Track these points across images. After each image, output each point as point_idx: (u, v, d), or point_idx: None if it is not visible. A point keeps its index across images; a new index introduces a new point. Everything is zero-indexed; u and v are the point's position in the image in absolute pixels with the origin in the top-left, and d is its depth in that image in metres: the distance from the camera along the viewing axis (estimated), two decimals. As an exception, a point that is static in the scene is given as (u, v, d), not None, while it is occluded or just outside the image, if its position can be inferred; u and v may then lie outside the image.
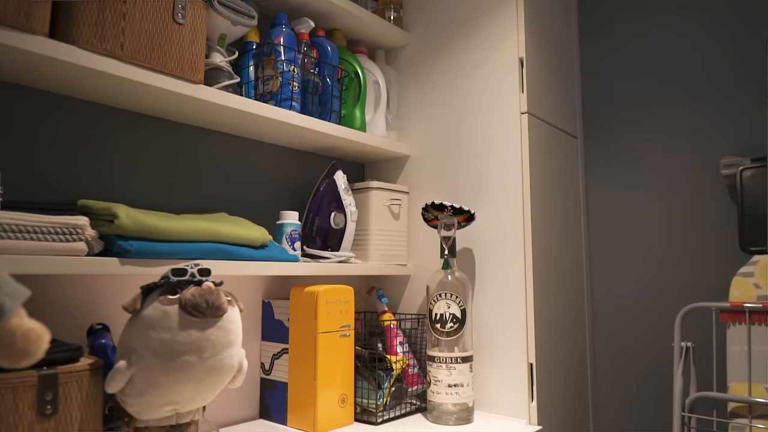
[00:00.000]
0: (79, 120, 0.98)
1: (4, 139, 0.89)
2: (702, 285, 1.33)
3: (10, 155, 0.89)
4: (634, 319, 1.45)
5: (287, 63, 1.18)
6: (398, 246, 1.42)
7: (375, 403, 1.18)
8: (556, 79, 1.44)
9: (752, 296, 1.08)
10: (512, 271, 1.24)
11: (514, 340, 1.22)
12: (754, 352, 1.04)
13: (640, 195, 1.48)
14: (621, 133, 1.53)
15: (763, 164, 1.18)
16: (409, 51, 1.51)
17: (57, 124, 0.95)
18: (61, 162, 0.96)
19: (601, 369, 1.51)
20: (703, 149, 1.39)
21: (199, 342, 0.74)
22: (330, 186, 1.31)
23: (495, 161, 1.29)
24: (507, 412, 1.21)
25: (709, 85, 1.39)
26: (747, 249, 1.16)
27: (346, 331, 1.18)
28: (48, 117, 0.94)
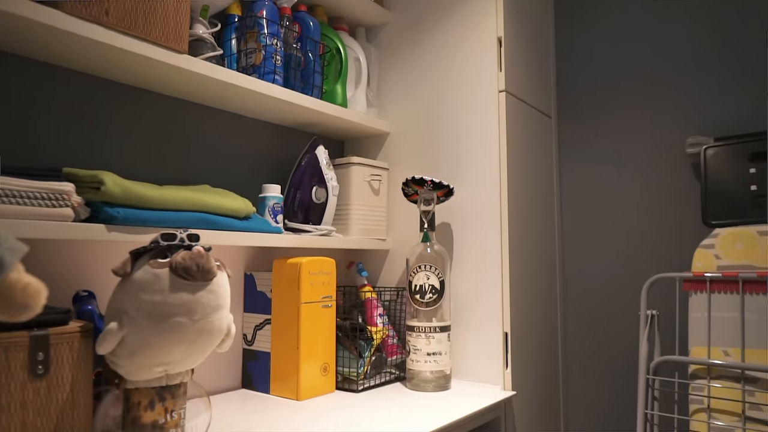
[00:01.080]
0: (68, 90, 0.97)
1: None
2: (667, 257, 1.41)
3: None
4: (603, 290, 1.52)
5: (270, 36, 1.18)
6: (378, 221, 1.44)
7: (356, 372, 1.22)
8: (533, 59, 1.48)
9: (713, 266, 1.14)
10: (489, 244, 1.28)
11: (490, 310, 1.26)
12: (713, 318, 1.11)
13: (610, 173, 1.54)
14: (593, 114, 1.59)
15: (725, 143, 1.25)
16: (389, 29, 1.53)
17: (45, 94, 0.94)
18: (46, 131, 0.95)
19: (572, 337, 1.58)
20: (670, 129, 1.45)
21: (189, 304, 0.76)
22: (311, 161, 1.33)
23: (473, 138, 1.33)
24: (483, 379, 1.26)
25: (677, 69, 1.45)
26: (709, 223, 1.22)
27: (327, 302, 1.21)
28: (37, 86, 0.93)
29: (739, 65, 1.36)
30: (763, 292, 1.07)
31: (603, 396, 1.49)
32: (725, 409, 1.05)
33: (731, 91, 1.36)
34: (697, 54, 1.42)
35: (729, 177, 1.22)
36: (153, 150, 1.12)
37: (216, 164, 1.24)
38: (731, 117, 1.36)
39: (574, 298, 1.57)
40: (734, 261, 1.12)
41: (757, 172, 1.19)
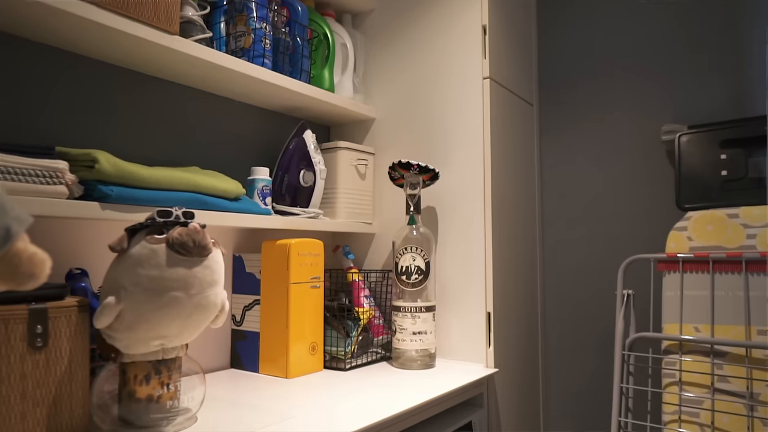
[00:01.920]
0: (58, 70, 0.97)
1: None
2: (642, 239, 1.46)
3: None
4: (581, 271, 1.57)
5: (259, 20, 1.19)
6: (364, 205, 1.47)
7: (344, 351, 1.25)
8: (516, 48, 1.52)
9: (686, 248, 1.20)
10: (472, 227, 1.32)
11: (474, 291, 1.30)
12: (685, 296, 1.16)
13: (589, 159, 1.59)
14: (573, 102, 1.63)
15: (698, 131, 1.30)
16: (375, 16, 1.54)
17: (36, 74, 0.94)
18: (34, 110, 0.95)
19: (551, 316, 1.63)
20: (646, 117, 1.50)
21: (186, 279, 0.78)
22: (299, 145, 1.35)
23: (458, 124, 1.36)
24: (466, 357, 1.30)
25: (653, 60, 1.50)
26: (682, 206, 1.28)
27: (316, 283, 1.23)
28: (27, 65, 0.93)
29: (711, 57, 1.41)
30: (731, 271, 1.13)
31: (580, 372, 1.55)
32: (695, 381, 1.10)
33: (704, 82, 1.42)
34: (673, 46, 1.47)
35: (701, 163, 1.28)
36: (142, 131, 1.12)
37: (204, 147, 1.25)
38: (704, 106, 1.41)
39: (554, 279, 1.62)
40: (705, 242, 1.18)
41: (727, 158, 1.25)
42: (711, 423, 1.06)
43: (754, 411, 1.03)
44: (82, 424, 0.77)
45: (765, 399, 1.03)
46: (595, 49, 1.60)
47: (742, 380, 1.05)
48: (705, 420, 1.07)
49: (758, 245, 1.12)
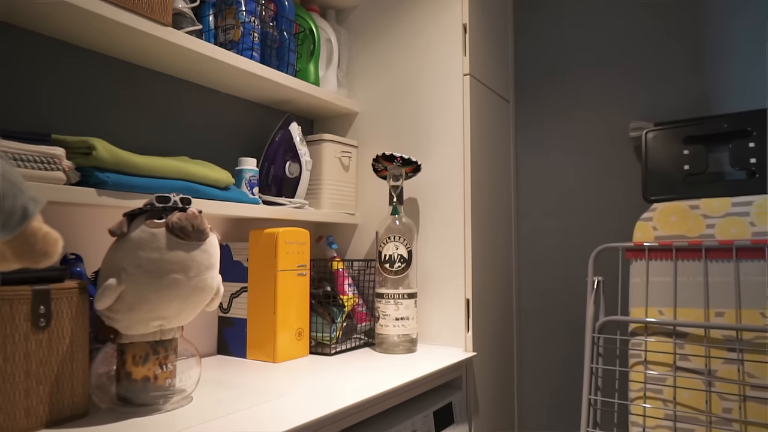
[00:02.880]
0: (51, 60, 0.98)
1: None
2: (611, 229, 1.55)
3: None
4: (554, 259, 1.65)
5: (248, 14, 1.22)
6: (348, 196, 1.51)
7: (329, 336, 1.29)
8: (493, 46, 1.58)
9: (651, 237, 1.28)
10: (453, 218, 1.37)
11: (453, 278, 1.36)
12: (651, 282, 1.24)
13: (562, 154, 1.67)
14: (547, 99, 1.70)
15: (663, 128, 1.39)
16: (359, 12, 1.58)
17: (29, 62, 0.95)
18: (25, 98, 0.96)
19: (525, 302, 1.70)
20: (616, 115, 1.58)
21: (185, 262, 0.81)
22: (285, 136, 1.38)
23: (439, 119, 1.41)
24: (446, 342, 1.36)
25: (622, 60, 1.58)
26: (648, 199, 1.36)
27: (302, 270, 1.27)
28: (21, 54, 0.94)
29: (676, 58, 1.50)
30: (692, 258, 1.21)
31: (553, 354, 1.63)
32: (659, 360, 1.19)
33: (669, 82, 1.50)
34: (640, 47, 1.55)
35: (666, 158, 1.36)
36: (132, 121, 1.14)
37: (192, 137, 1.27)
38: (669, 105, 1.50)
39: (528, 267, 1.69)
40: (669, 232, 1.26)
41: (689, 153, 1.34)
42: (673, 398, 1.15)
43: (712, 386, 1.12)
44: (82, 402, 0.79)
45: (722, 375, 1.11)
46: (568, 49, 1.67)
47: (701, 358, 1.14)
48: (668, 396, 1.16)
49: (717, 234, 1.20)
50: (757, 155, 1.24)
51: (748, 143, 1.26)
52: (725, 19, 1.43)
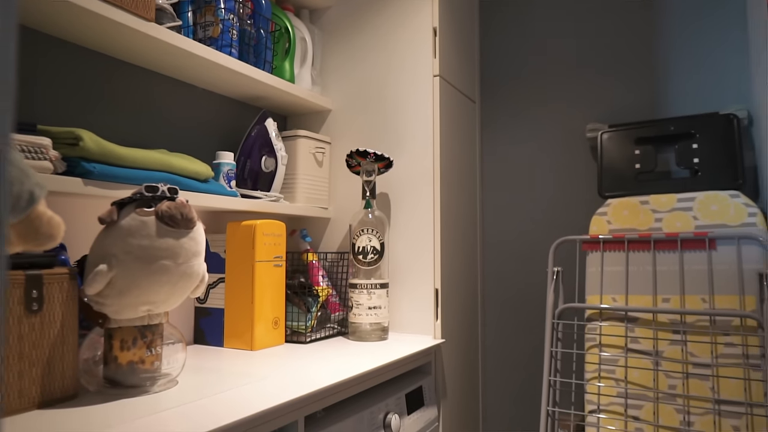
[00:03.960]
0: (37, 53, 1.00)
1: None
2: (569, 223, 1.65)
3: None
4: (516, 251, 1.74)
5: (227, 11, 1.26)
6: (321, 191, 1.56)
7: (305, 325, 1.34)
8: (461, 49, 1.66)
9: (606, 230, 1.38)
10: (423, 212, 1.44)
11: (423, 269, 1.43)
12: (605, 272, 1.34)
13: (524, 152, 1.76)
14: (510, 100, 1.80)
15: (616, 129, 1.49)
16: (332, 13, 1.63)
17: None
18: (8, 87, 0.97)
19: (489, 291, 1.79)
20: (574, 116, 1.69)
21: (174, 249, 0.84)
22: (261, 132, 1.42)
23: (410, 117, 1.48)
24: (416, 330, 1.43)
25: (580, 65, 1.69)
26: (603, 195, 1.46)
27: (278, 262, 1.31)
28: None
29: (629, 64, 1.61)
30: (642, 249, 1.32)
31: (516, 339, 1.72)
32: (612, 343, 1.29)
33: (623, 86, 1.62)
34: (597, 53, 1.66)
35: (619, 157, 1.47)
36: (111, 114, 1.16)
37: (168, 130, 1.30)
38: (622, 108, 1.61)
39: (492, 258, 1.78)
40: (621, 225, 1.37)
41: (640, 153, 1.44)
42: (625, 377, 1.25)
43: (659, 365, 1.22)
44: (72, 384, 0.82)
45: (667, 355, 1.22)
46: (530, 53, 1.77)
47: (650, 341, 1.24)
48: (620, 375, 1.26)
49: (664, 227, 1.31)
50: (700, 155, 1.36)
51: (692, 144, 1.38)
52: (674, 31, 1.55)
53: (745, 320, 1.15)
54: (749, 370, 1.12)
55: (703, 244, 1.24)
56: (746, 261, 1.18)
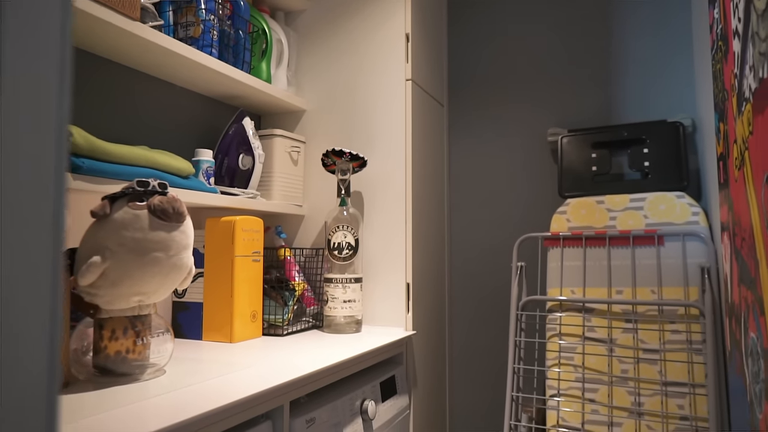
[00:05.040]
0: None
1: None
2: (532, 221, 1.75)
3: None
4: (482, 247, 1.83)
5: (208, 12, 1.29)
6: (296, 188, 1.60)
7: (282, 318, 1.38)
8: (431, 54, 1.73)
9: (565, 228, 1.48)
10: (395, 209, 1.51)
11: (395, 264, 1.50)
12: (565, 266, 1.44)
13: (489, 154, 1.86)
14: (476, 104, 1.89)
15: (575, 134, 1.60)
16: (307, 16, 1.68)
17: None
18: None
19: (457, 285, 1.87)
20: (536, 122, 1.79)
21: (165, 241, 0.88)
22: (239, 130, 1.45)
23: (383, 119, 1.54)
24: (388, 323, 1.49)
25: (543, 73, 1.79)
26: (563, 195, 1.57)
27: (256, 257, 1.35)
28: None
29: (587, 73, 1.72)
30: (598, 245, 1.42)
31: (481, 330, 1.81)
32: (571, 332, 1.38)
33: (582, 93, 1.73)
34: (558, 62, 1.77)
35: (577, 160, 1.58)
36: (92, 110, 1.17)
37: (147, 128, 1.32)
38: (581, 114, 1.73)
39: (460, 254, 1.87)
40: (580, 223, 1.47)
41: (596, 157, 1.55)
42: (582, 364, 1.35)
43: (613, 352, 1.33)
44: (64, 373, 0.84)
45: (621, 343, 1.33)
46: (496, 60, 1.86)
47: (605, 329, 1.35)
48: (578, 362, 1.36)
49: (618, 225, 1.42)
50: (650, 159, 1.48)
51: (643, 149, 1.49)
52: (628, 43, 1.67)
53: (689, 309, 1.26)
54: (692, 354, 1.23)
55: (653, 241, 1.35)
56: (690, 255, 1.30)
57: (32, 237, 0.33)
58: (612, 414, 1.28)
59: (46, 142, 0.34)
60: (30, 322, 0.33)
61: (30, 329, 0.33)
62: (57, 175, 0.35)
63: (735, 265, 0.97)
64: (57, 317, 0.34)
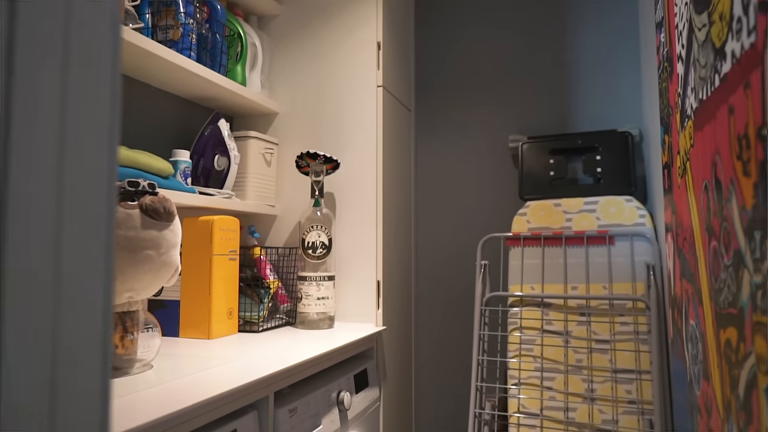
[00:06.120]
0: None
1: None
2: (495, 222, 1.85)
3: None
4: (447, 247, 1.92)
5: (187, 16, 1.32)
6: (269, 189, 1.64)
7: (257, 315, 1.42)
8: (399, 61, 1.81)
9: (525, 228, 1.59)
10: (366, 210, 1.57)
11: (366, 263, 1.56)
12: (525, 264, 1.55)
13: (454, 158, 1.95)
14: (442, 110, 1.97)
15: (534, 141, 1.71)
16: (280, 20, 1.72)
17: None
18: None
19: (424, 283, 1.95)
20: (498, 129, 1.90)
21: (156, 240, 0.91)
22: (214, 132, 1.48)
23: (355, 123, 1.61)
24: (359, 319, 1.56)
25: (504, 81, 1.90)
26: (523, 197, 1.67)
27: (233, 255, 1.39)
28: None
29: (546, 84, 1.84)
30: (555, 245, 1.53)
31: (448, 325, 1.90)
32: (531, 326, 1.49)
33: (541, 102, 1.84)
34: (519, 72, 1.88)
35: (536, 165, 1.69)
36: (73, 109, 1.18)
37: (126, 129, 1.33)
38: (539, 121, 1.84)
39: (426, 254, 1.95)
40: (539, 224, 1.58)
41: (554, 162, 1.67)
42: (541, 354, 1.45)
43: (569, 343, 1.44)
44: (55, 367, 0.86)
45: (575, 335, 1.44)
46: (460, 68, 1.96)
47: (561, 322, 1.46)
48: (537, 353, 1.46)
49: (573, 226, 1.54)
50: (602, 166, 1.60)
51: (595, 156, 1.62)
52: (582, 58, 1.80)
53: (636, 303, 1.39)
54: (639, 344, 1.35)
55: (604, 241, 1.47)
56: (637, 254, 1.43)
57: (93, 232, 0.38)
58: (567, 400, 1.39)
59: (105, 158, 0.39)
60: (89, 304, 0.38)
61: (90, 307, 0.38)
62: (109, 182, 0.40)
63: (677, 261, 1.09)
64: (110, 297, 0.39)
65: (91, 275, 0.38)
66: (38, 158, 0.33)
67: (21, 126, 0.32)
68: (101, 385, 0.40)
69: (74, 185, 0.36)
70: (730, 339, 0.68)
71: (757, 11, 0.55)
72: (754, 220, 0.57)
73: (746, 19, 0.59)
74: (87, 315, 0.37)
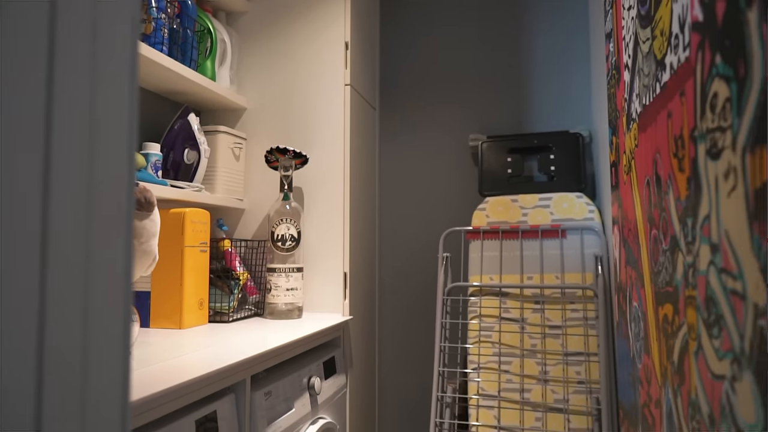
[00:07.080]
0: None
1: None
2: (456, 217, 1.94)
3: None
4: (410, 240, 1.99)
5: (159, 10, 1.33)
6: (238, 183, 1.67)
7: (228, 306, 1.45)
8: (366, 60, 1.87)
9: (485, 222, 1.68)
10: (333, 204, 1.63)
11: (333, 255, 1.61)
12: (484, 256, 1.64)
13: (417, 156, 2.02)
14: (405, 109, 2.05)
15: (493, 140, 1.81)
16: (248, 18, 1.75)
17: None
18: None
19: (387, 274, 2.02)
20: (459, 128, 1.98)
21: (137, 229, 0.94)
22: (184, 126, 1.50)
23: (323, 120, 1.65)
24: (327, 309, 1.61)
25: (466, 82, 1.99)
26: (482, 193, 1.77)
27: (204, 247, 1.41)
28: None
29: (505, 86, 1.94)
30: (512, 238, 1.63)
31: (410, 315, 1.97)
32: (489, 314, 1.58)
33: (500, 102, 1.94)
34: (479, 74, 1.97)
35: (495, 163, 1.78)
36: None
37: (97, 120, 1.33)
38: (498, 121, 1.94)
39: (390, 246, 2.02)
40: (497, 219, 1.67)
41: (511, 161, 1.77)
42: (499, 340, 1.55)
43: (524, 329, 1.54)
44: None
45: (530, 321, 1.54)
46: (423, 68, 2.04)
47: (517, 310, 1.55)
48: (495, 339, 1.55)
49: (529, 220, 1.64)
50: (555, 164, 1.71)
51: (549, 155, 1.73)
52: (538, 62, 1.91)
53: (585, 291, 1.50)
54: (588, 329, 1.47)
55: (557, 234, 1.58)
56: (587, 246, 1.54)
57: (115, 232, 0.42)
58: (523, 382, 1.49)
59: (125, 162, 0.43)
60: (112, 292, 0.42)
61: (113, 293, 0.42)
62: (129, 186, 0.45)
63: (623, 250, 1.20)
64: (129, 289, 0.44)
65: (115, 267, 0.42)
66: (70, 162, 0.37)
67: (60, 135, 0.36)
68: (122, 376, 0.44)
69: (101, 187, 0.40)
70: (667, 314, 0.78)
71: (691, 29, 0.65)
72: (687, 209, 0.66)
73: (682, 36, 0.68)
74: (111, 308, 0.42)
